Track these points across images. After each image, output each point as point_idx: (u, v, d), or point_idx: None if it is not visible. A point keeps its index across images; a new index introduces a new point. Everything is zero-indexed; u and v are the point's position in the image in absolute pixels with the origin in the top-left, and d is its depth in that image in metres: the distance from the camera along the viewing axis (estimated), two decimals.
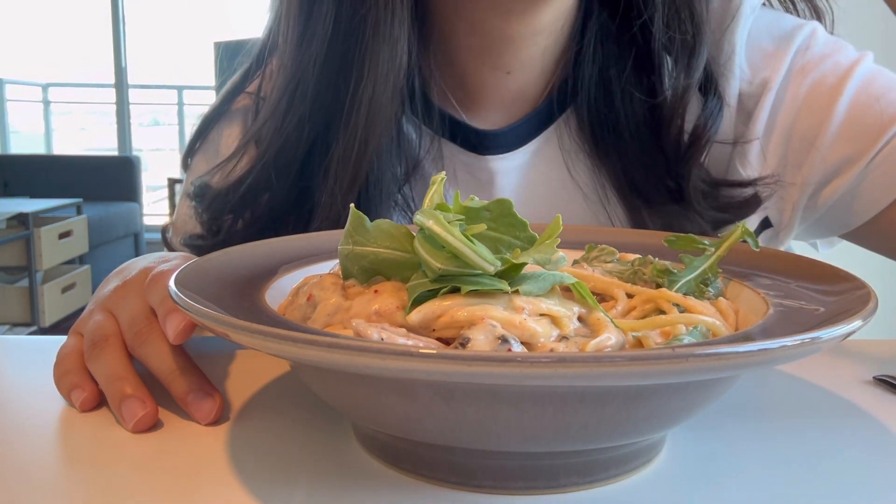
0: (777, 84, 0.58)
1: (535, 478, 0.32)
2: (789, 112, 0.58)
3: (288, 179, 0.57)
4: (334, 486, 0.33)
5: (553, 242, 0.35)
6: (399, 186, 0.59)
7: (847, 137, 0.57)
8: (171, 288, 0.34)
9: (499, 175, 0.61)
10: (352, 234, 0.35)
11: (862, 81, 0.58)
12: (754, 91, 0.58)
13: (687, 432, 0.38)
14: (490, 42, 0.59)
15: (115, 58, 4.68)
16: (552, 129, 0.62)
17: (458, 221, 0.34)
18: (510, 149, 0.61)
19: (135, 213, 4.13)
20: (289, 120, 0.56)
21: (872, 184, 0.57)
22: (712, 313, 0.36)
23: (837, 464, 0.35)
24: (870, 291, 0.34)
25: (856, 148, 0.57)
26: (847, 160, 0.57)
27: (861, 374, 0.46)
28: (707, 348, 0.27)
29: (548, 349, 0.32)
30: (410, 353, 0.26)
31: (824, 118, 0.57)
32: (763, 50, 0.59)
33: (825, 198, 0.59)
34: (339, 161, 0.55)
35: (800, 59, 0.58)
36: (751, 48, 0.59)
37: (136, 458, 0.36)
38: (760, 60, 0.58)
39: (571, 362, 0.26)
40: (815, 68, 0.58)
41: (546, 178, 0.62)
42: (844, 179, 0.57)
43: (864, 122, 0.56)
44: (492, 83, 0.61)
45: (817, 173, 0.58)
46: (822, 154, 0.57)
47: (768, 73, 0.58)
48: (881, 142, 0.56)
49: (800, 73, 0.58)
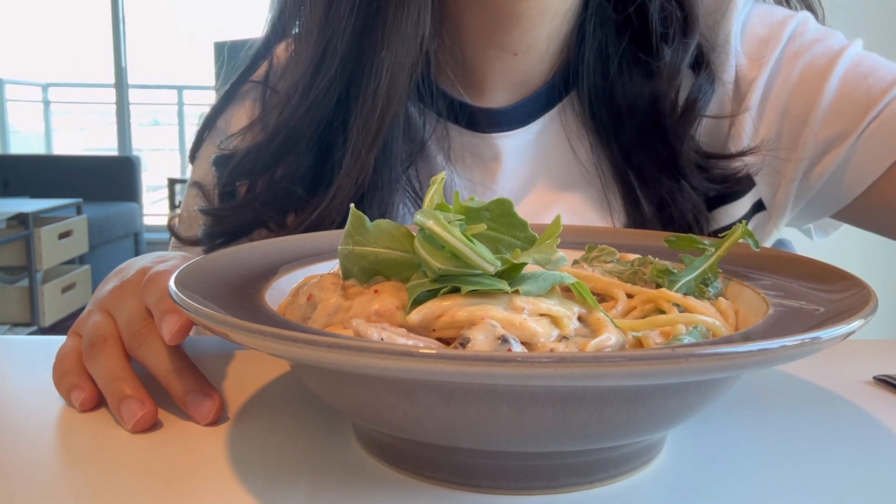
0: (770, 66, 0.60)
1: (534, 478, 0.32)
2: (782, 93, 0.60)
3: (311, 142, 0.59)
4: (334, 486, 0.33)
5: (553, 242, 0.35)
6: (404, 168, 0.61)
7: (837, 114, 0.58)
8: (171, 288, 0.34)
9: (503, 153, 0.63)
10: (352, 235, 0.35)
11: (851, 62, 0.60)
12: (749, 74, 0.61)
13: (687, 432, 0.38)
14: (499, 21, 0.60)
15: (115, 58, 4.68)
16: (556, 111, 0.64)
17: (458, 221, 0.34)
18: (513, 127, 0.63)
19: (135, 212, 4.14)
20: (318, 82, 0.58)
21: (861, 158, 0.58)
22: (712, 313, 0.36)
23: (837, 464, 0.35)
24: (870, 291, 0.35)
25: (845, 124, 0.58)
26: (837, 136, 0.58)
27: (861, 374, 0.46)
28: (707, 348, 0.27)
29: (548, 349, 0.32)
30: (410, 353, 0.26)
31: (815, 96, 0.59)
32: (757, 36, 0.61)
33: (817, 175, 0.60)
34: (363, 121, 0.57)
35: (792, 44, 0.61)
36: (746, 36, 0.61)
37: (136, 458, 0.36)
38: (755, 46, 0.61)
39: (571, 362, 0.26)
40: (806, 51, 0.60)
41: (550, 158, 0.64)
42: (835, 155, 0.59)
43: (853, 98, 0.58)
44: (497, 65, 0.62)
45: (809, 150, 0.59)
46: (813, 131, 0.59)
47: (762, 57, 0.60)
48: (869, 116, 0.58)
49: (792, 56, 0.60)
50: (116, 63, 4.69)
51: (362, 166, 0.57)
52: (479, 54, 0.62)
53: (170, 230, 0.69)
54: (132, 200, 4.15)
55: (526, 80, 0.63)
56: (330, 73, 0.58)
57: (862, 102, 0.58)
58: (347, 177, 0.57)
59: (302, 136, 0.59)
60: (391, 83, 0.56)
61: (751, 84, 0.60)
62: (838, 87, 0.59)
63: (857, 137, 0.58)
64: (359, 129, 0.57)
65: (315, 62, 0.58)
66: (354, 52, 0.57)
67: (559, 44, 0.63)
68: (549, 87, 0.64)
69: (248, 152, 0.61)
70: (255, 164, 0.61)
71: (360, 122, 0.57)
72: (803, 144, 0.59)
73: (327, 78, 0.58)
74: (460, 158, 0.63)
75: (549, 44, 0.62)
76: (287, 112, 0.60)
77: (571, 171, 0.63)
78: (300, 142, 0.59)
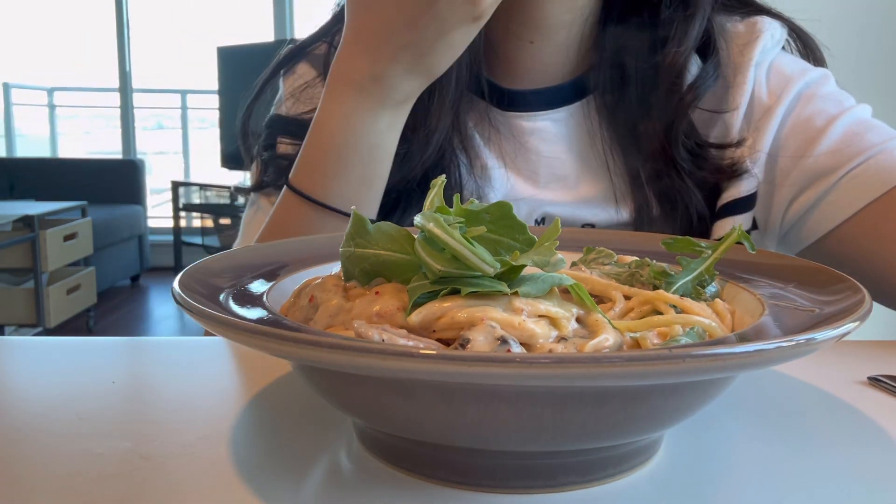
0: (788, 100, 0.65)
1: (533, 477, 0.33)
2: (788, 126, 0.65)
3: None
4: (334, 485, 0.34)
5: (552, 245, 0.35)
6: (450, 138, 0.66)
7: (829, 155, 0.63)
8: (175, 289, 0.35)
9: (524, 134, 0.67)
10: (353, 237, 0.36)
11: (858, 117, 0.64)
12: (767, 102, 0.65)
13: (684, 432, 0.38)
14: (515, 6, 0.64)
15: (120, 62, 4.69)
16: (578, 106, 0.68)
17: (458, 224, 0.34)
18: (533, 109, 0.67)
19: (139, 215, 4.15)
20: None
21: (833, 201, 0.62)
22: (708, 315, 0.37)
23: (832, 463, 0.36)
24: (864, 293, 0.35)
25: (834, 163, 0.62)
26: (820, 174, 0.62)
27: (856, 375, 0.46)
28: (704, 349, 0.27)
29: (546, 350, 0.32)
30: (411, 354, 0.27)
31: (819, 136, 0.63)
32: (783, 74, 0.66)
33: (793, 212, 0.64)
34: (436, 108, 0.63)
35: (810, 89, 0.65)
36: (773, 70, 0.67)
37: (137, 458, 0.36)
38: (778, 80, 0.66)
39: (570, 363, 0.26)
40: (819, 98, 0.65)
41: (568, 148, 0.67)
42: (812, 194, 0.63)
43: (847, 145, 0.62)
44: (516, 53, 0.67)
45: (798, 180, 0.64)
46: (805, 165, 0.63)
47: (781, 91, 0.65)
48: (851, 164, 0.61)
49: (806, 98, 0.65)
50: (121, 67, 4.70)
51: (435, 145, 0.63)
52: (500, 42, 0.67)
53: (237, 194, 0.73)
54: (136, 203, 4.16)
55: (545, 69, 0.67)
56: None
57: (857, 149, 0.62)
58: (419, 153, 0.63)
59: None
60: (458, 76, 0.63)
61: (767, 111, 0.65)
62: (841, 134, 0.62)
63: (837, 181, 0.62)
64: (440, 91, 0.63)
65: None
66: None
67: (577, 40, 0.66)
68: (573, 83, 0.68)
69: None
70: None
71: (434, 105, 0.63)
72: (795, 174, 0.64)
73: None
74: (488, 130, 0.67)
75: (567, 36, 0.66)
76: None
77: (582, 163, 0.66)
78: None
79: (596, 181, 0.67)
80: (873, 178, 0.60)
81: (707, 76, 0.64)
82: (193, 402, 0.43)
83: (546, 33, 0.65)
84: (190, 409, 0.42)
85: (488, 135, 0.67)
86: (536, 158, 0.67)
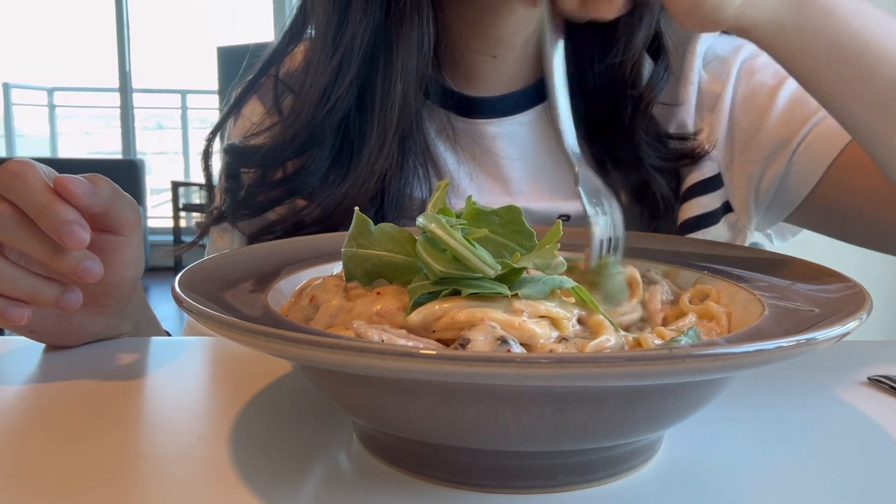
0: (732, 80, 0.68)
1: (533, 477, 0.33)
2: (738, 105, 0.68)
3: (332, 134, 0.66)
4: (335, 485, 0.34)
5: (553, 247, 0.35)
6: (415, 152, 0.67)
7: (783, 124, 0.66)
8: (176, 289, 0.35)
9: (488, 139, 0.69)
10: (356, 237, 0.36)
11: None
12: (713, 89, 0.69)
13: (683, 432, 0.38)
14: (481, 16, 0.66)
15: (120, 62, 4.69)
16: (543, 107, 0.70)
17: (460, 225, 0.34)
18: (498, 115, 0.69)
19: None
20: (337, 87, 0.64)
21: (801, 166, 0.65)
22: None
23: (832, 463, 0.36)
24: (864, 293, 0.35)
25: (789, 132, 0.65)
26: (782, 142, 0.65)
27: (856, 375, 0.46)
28: (704, 349, 0.27)
29: (547, 350, 0.32)
30: (411, 354, 0.27)
31: (766, 108, 0.66)
32: (718, 57, 0.70)
33: (766, 183, 0.67)
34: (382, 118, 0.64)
35: (747, 63, 0.69)
36: (709, 57, 0.70)
37: (138, 458, 0.36)
38: (717, 65, 0.70)
39: (569, 363, 0.26)
40: (757, 71, 0.68)
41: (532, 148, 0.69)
42: (779, 164, 0.65)
43: (797, 111, 0.65)
44: (479, 66, 0.69)
45: (759, 154, 0.66)
46: (762, 138, 0.66)
47: (722, 73, 0.69)
48: (808, 125, 0.64)
49: (747, 74, 0.69)
50: (121, 67, 4.70)
51: (386, 155, 0.63)
52: (465, 55, 0.69)
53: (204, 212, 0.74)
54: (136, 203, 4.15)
55: (508, 77, 0.70)
56: (346, 81, 0.64)
57: (804, 114, 0.65)
58: (375, 162, 0.64)
59: (323, 133, 0.65)
60: (405, 85, 0.63)
61: (717, 97, 0.68)
62: (787, 101, 0.66)
63: (795, 150, 0.64)
64: (383, 117, 0.64)
65: (333, 71, 0.64)
66: (368, 63, 0.64)
67: (537, 51, 0.68)
68: (535, 86, 0.70)
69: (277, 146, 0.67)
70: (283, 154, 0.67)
71: (378, 120, 0.64)
72: (754, 149, 0.67)
73: (345, 84, 0.64)
74: (454, 138, 0.69)
75: (525, 49, 0.68)
76: (305, 113, 0.65)
77: (553, 161, 0.68)
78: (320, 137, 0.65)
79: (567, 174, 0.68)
80: (826, 143, 0.63)
81: (659, 77, 0.68)
82: (193, 402, 0.43)
83: (508, 48, 0.68)
84: (189, 409, 0.42)
85: (452, 143, 0.69)
86: (508, 163, 0.68)
